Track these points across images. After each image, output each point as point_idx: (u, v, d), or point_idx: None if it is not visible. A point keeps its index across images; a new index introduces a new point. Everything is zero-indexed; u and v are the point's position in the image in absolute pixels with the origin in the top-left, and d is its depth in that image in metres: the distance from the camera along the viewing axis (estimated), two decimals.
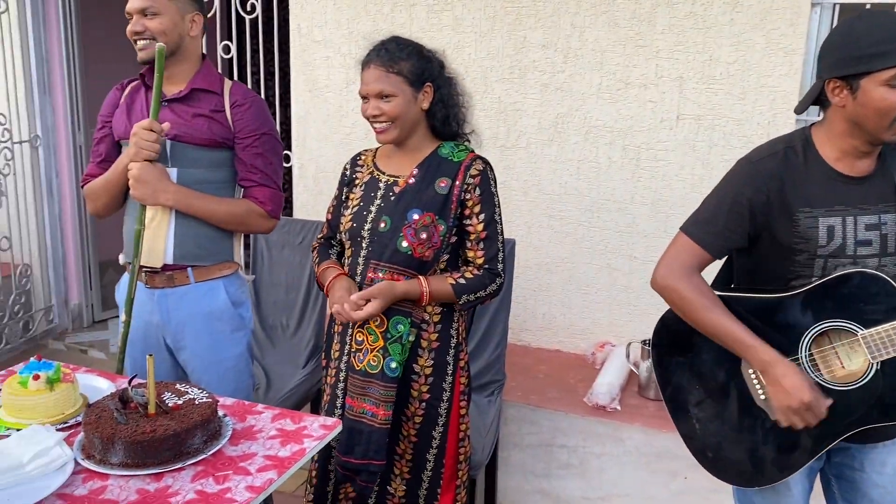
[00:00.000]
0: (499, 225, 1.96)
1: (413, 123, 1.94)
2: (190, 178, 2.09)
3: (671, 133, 2.92)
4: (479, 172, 1.93)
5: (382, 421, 1.92)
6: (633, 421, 2.65)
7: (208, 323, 2.17)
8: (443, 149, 1.98)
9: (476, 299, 1.94)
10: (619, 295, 3.12)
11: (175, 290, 2.14)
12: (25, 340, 4.12)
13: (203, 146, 2.08)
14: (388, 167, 2.01)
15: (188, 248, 2.11)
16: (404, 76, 1.88)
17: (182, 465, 1.59)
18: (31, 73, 4.06)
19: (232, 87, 2.14)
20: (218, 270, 2.17)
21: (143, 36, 2.04)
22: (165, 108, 2.08)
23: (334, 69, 3.44)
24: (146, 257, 2.10)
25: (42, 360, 1.84)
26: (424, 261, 1.91)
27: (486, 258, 1.94)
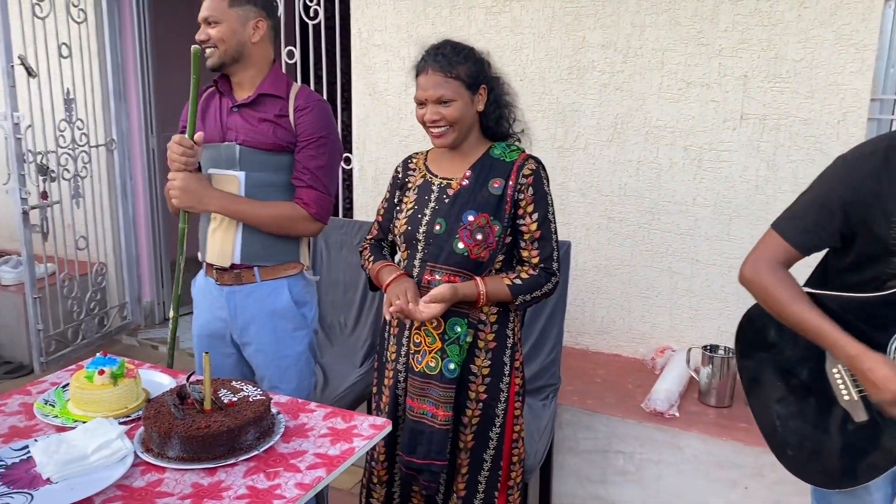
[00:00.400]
0: (553, 224, 1.96)
1: (469, 126, 1.96)
2: (257, 182, 2.15)
3: (735, 133, 2.84)
4: (531, 172, 1.93)
5: (442, 421, 1.94)
6: (691, 428, 2.59)
7: (271, 320, 2.23)
8: (495, 149, 1.99)
9: (532, 299, 1.95)
10: (681, 299, 3.05)
11: (242, 287, 2.22)
12: (101, 336, 4.31)
13: (268, 150, 2.14)
14: (441, 170, 2.03)
15: (254, 249, 2.19)
16: (462, 80, 1.90)
17: (235, 460, 1.63)
18: (107, 81, 4.24)
19: (298, 91, 2.18)
20: (283, 270, 2.23)
21: (207, 44, 2.12)
22: (235, 113, 2.16)
23: (393, 72, 3.48)
24: (216, 257, 2.21)
25: (107, 356, 1.92)
26: (480, 261, 1.93)
27: (541, 257, 1.95)
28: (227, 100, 2.20)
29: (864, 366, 1.54)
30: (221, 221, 2.18)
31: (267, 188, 2.17)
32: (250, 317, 2.23)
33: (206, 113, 2.23)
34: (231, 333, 2.29)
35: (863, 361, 1.54)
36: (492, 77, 1.98)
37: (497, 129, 2.01)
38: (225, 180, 2.16)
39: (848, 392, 1.64)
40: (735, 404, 2.76)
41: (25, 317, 4.02)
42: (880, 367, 1.52)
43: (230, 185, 2.16)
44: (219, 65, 2.14)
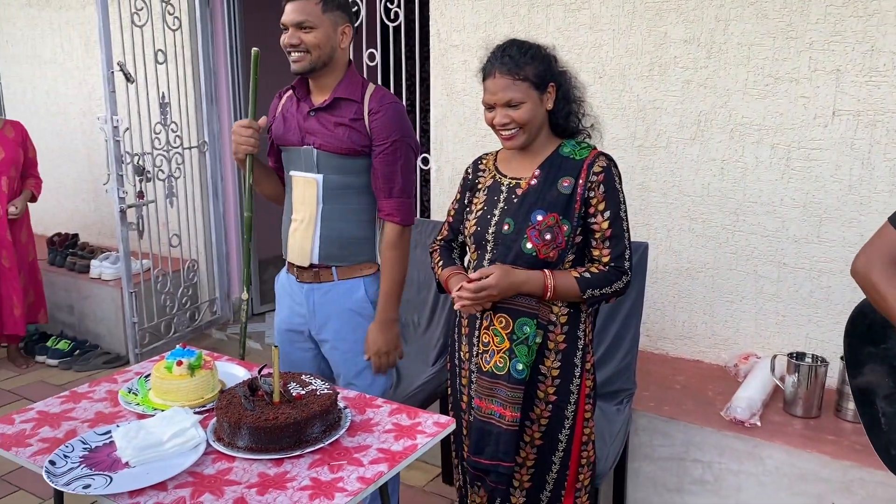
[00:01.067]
0: (624, 222, 1.92)
1: (539, 126, 1.94)
2: (334, 185, 2.21)
3: (826, 130, 2.69)
4: (602, 169, 1.90)
5: (510, 422, 1.92)
6: (774, 439, 2.47)
7: (348, 319, 2.28)
8: (564, 147, 1.96)
9: (601, 295, 1.90)
10: (767, 304, 2.92)
11: (321, 285, 2.28)
12: (191, 329, 4.49)
13: (344, 154, 2.18)
14: (510, 170, 2.01)
15: (331, 250, 2.25)
16: (530, 81, 1.88)
17: (301, 452, 1.67)
18: (200, 85, 4.42)
19: (372, 93, 2.19)
20: (359, 270, 2.29)
21: (299, 48, 2.13)
22: (312, 117, 2.21)
23: (471, 73, 3.47)
24: (296, 255, 2.28)
25: (186, 348, 2.00)
26: (549, 261, 1.90)
27: (612, 256, 1.91)
28: (304, 104, 2.24)
29: None
30: (301, 222, 2.24)
31: (343, 190, 2.22)
32: (328, 314, 2.28)
33: (286, 116, 2.29)
34: (310, 330, 2.35)
35: None
36: (559, 73, 1.94)
37: (566, 126, 1.98)
38: (305, 182, 2.23)
39: None
40: (823, 415, 2.63)
41: (123, 310, 4.23)
42: None
43: (309, 188, 2.22)
44: (308, 70, 2.15)
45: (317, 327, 2.32)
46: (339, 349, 2.31)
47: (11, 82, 5.62)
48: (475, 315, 2.01)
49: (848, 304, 2.75)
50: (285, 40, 2.14)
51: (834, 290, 2.76)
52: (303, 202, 2.24)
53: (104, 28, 3.64)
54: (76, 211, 5.44)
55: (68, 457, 1.66)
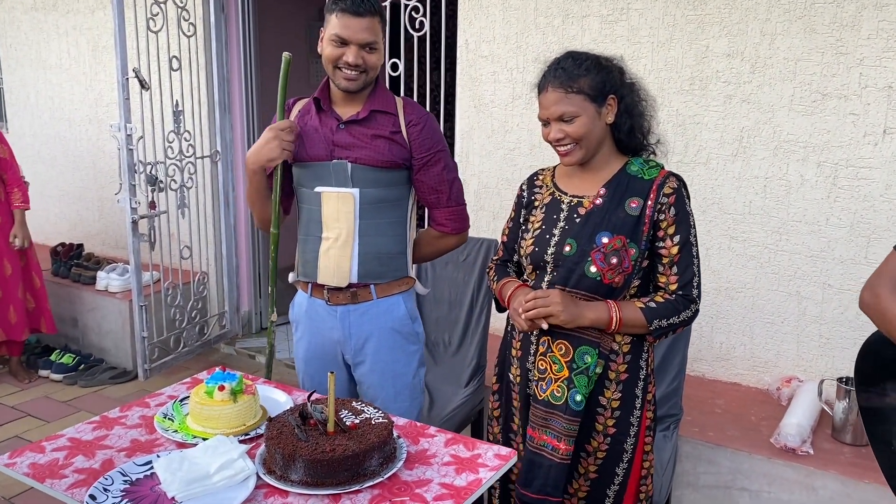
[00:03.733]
0: (694, 248, 1.82)
1: (599, 141, 1.83)
2: (371, 199, 2.09)
3: (876, 149, 2.62)
4: (673, 191, 1.79)
5: (563, 455, 1.82)
6: (827, 467, 2.38)
7: (389, 338, 2.18)
8: (632, 166, 1.85)
9: (668, 326, 1.79)
10: (809, 326, 2.83)
11: (358, 306, 2.15)
12: (200, 344, 4.36)
13: (382, 168, 2.08)
14: (571, 187, 1.91)
15: (371, 267, 2.13)
16: (585, 93, 1.77)
17: (359, 487, 1.56)
18: (213, 94, 4.31)
19: (405, 105, 2.12)
20: (397, 286, 2.18)
21: (359, 69, 2.01)
22: (342, 130, 2.08)
23: (500, 84, 3.39)
24: (330, 276, 2.13)
25: (226, 371, 1.88)
26: (614, 287, 1.80)
27: (679, 283, 1.80)
28: (329, 117, 2.11)
29: None
30: (336, 240, 2.11)
31: (380, 204, 2.11)
32: (367, 335, 2.17)
33: (306, 130, 2.14)
34: (343, 354, 2.22)
35: None
36: (623, 84, 1.83)
37: (630, 142, 1.87)
38: (338, 198, 2.09)
39: None
40: None
41: (131, 324, 4.10)
42: None
43: (345, 203, 2.09)
44: (360, 89, 2.05)
45: (353, 350, 2.19)
46: (377, 371, 2.19)
47: (14, 87, 5.48)
48: (530, 339, 1.91)
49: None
50: (348, 59, 2.00)
51: None
52: (337, 219, 2.10)
53: (120, 33, 3.52)
54: (80, 220, 5.30)
55: (108, 490, 1.54)
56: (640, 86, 1.88)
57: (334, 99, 2.13)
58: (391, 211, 2.13)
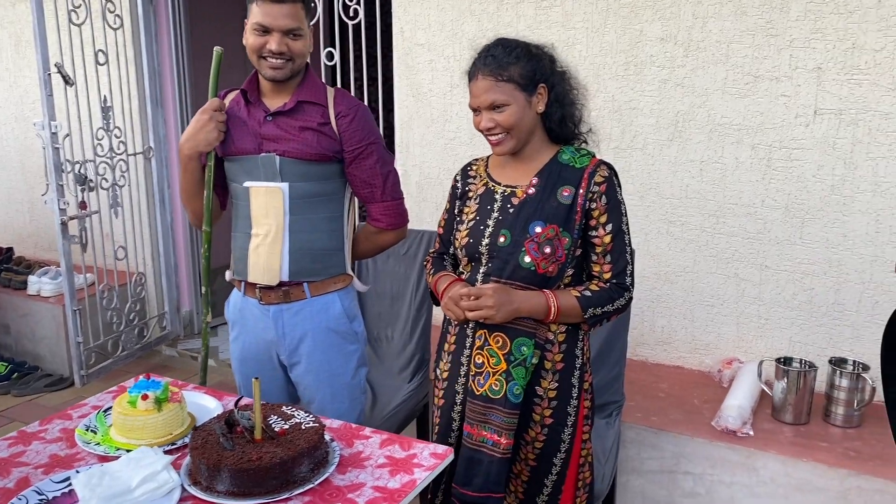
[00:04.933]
0: (626, 235, 1.81)
1: (529, 130, 1.80)
2: (301, 193, 2.02)
3: (807, 130, 2.64)
4: (604, 179, 1.77)
5: (504, 450, 1.79)
6: (767, 448, 2.40)
7: (324, 337, 2.11)
8: (563, 154, 1.83)
9: (603, 314, 1.79)
10: (748, 307, 2.86)
11: (291, 305, 2.08)
12: (140, 347, 4.23)
13: (312, 161, 2.00)
14: (504, 177, 1.87)
15: (303, 264, 2.06)
16: (515, 82, 1.74)
17: (289, 494, 1.51)
18: (144, 88, 4.16)
19: (335, 96, 2.04)
20: (333, 284, 2.11)
21: (284, 56, 1.94)
22: (270, 122, 2.01)
23: (438, 73, 3.34)
24: (260, 275, 2.06)
25: (151, 379, 1.81)
26: (548, 276, 1.77)
27: (613, 272, 1.79)
28: (257, 108, 2.04)
29: None
30: (265, 237, 2.03)
31: (312, 198, 2.04)
32: (301, 335, 2.10)
33: (234, 123, 2.06)
34: (278, 354, 2.15)
35: None
36: (553, 73, 1.80)
37: (561, 131, 1.84)
38: (266, 193, 2.02)
39: None
40: (812, 421, 2.57)
41: (65, 329, 3.95)
42: None
43: (273, 198, 2.02)
44: (287, 78, 1.98)
45: (287, 351, 2.12)
46: (312, 371, 2.12)
47: None
48: (465, 333, 1.87)
49: (832, 305, 2.71)
50: (271, 47, 1.93)
51: (817, 293, 2.72)
52: (266, 214, 2.03)
53: (39, 26, 3.37)
54: (9, 223, 5.09)
55: None
56: (570, 74, 1.85)
57: (263, 90, 2.06)
58: (324, 205, 2.06)
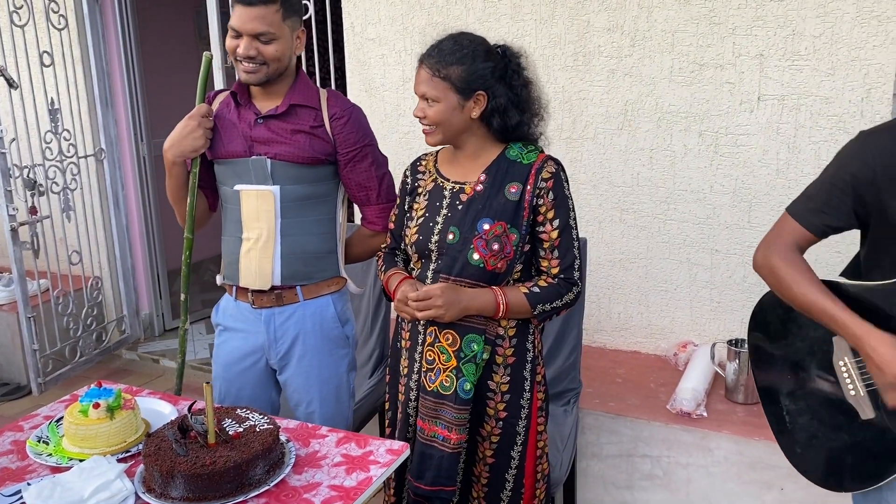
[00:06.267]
0: (574, 230, 1.83)
1: (458, 131, 1.80)
2: (292, 196, 2.00)
3: (752, 116, 2.70)
4: (551, 175, 1.78)
5: (455, 445, 1.81)
6: (721, 428, 2.47)
7: (316, 341, 2.09)
8: (511, 150, 1.83)
9: (552, 309, 1.81)
10: (701, 291, 2.92)
11: (284, 308, 2.07)
12: (99, 352, 4.17)
13: (304, 164, 1.98)
14: (453, 173, 1.88)
15: (296, 268, 2.04)
16: (451, 82, 1.74)
17: (244, 497, 1.51)
18: (93, 88, 4.09)
19: (329, 98, 2.02)
20: (326, 287, 2.10)
21: (255, 60, 1.91)
22: (261, 125, 1.99)
23: (390, 67, 3.34)
24: (253, 279, 2.04)
25: (102, 387, 1.79)
26: (497, 273, 1.79)
27: (561, 267, 1.81)
28: (248, 111, 2.01)
29: (868, 345, 1.45)
30: (256, 241, 2.01)
31: (303, 201, 2.02)
32: (292, 339, 2.08)
33: (223, 125, 2.03)
34: (268, 359, 2.14)
35: (867, 341, 1.45)
36: (500, 83, 1.76)
37: (504, 136, 1.83)
38: (258, 196, 2.00)
39: (854, 387, 1.55)
40: None
41: (20, 336, 3.88)
42: (885, 346, 1.43)
43: (265, 201, 1.99)
44: (262, 82, 1.95)
45: (277, 355, 2.10)
46: (301, 375, 2.10)
47: None
48: (418, 330, 1.88)
49: None
50: (239, 51, 1.90)
51: None
52: (257, 218, 2.00)
53: None
54: None
55: None
56: (525, 84, 1.81)
57: (253, 93, 2.03)
58: (316, 208, 2.04)
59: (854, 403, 1.55)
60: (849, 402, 1.57)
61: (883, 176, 1.45)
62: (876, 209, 1.49)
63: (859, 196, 1.49)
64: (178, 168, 2.05)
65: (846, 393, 1.57)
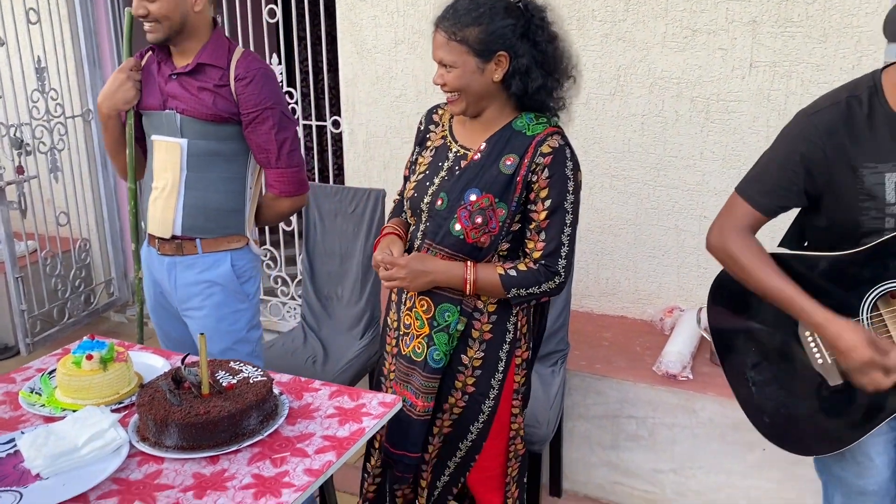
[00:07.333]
0: (568, 215, 1.70)
1: (481, 96, 1.70)
2: (199, 150, 2.08)
3: (743, 82, 2.71)
4: (551, 150, 1.68)
5: (421, 412, 1.81)
6: (706, 390, 2.51)
7: (211, 294, 2.17)
8: (518, 120, 1.74)
9: (528, 296, 1.72)
10: (689, 257, 2.95)
11: (184, 258, 2.15)
12: (88, 314, 4.17)
13: (209, 121, 2.05)
14: (461, 135, 1.81)
15: (196, 221, 2.12)
16: (469, 45, 1.63)
17: (238, 447, 1.53)
18: (80, 48, 4.04)
19: (239, 58, 2.07)
20: (226, 243, 2.17)
21: (148, 19, 2.00)
22: (173, 81, 2.08)
23: (382, 29, 3.31)
24: (157, 226, 2.14)
25: (95, 339, 1.80)
26: (479, 247, 1.73)
27: (544, 252, 1.71)
28: (165, 66, 2.11)
29: (830, 333, 1.50)
30: (163, 190, 2.11)
31: (210, 157, 2.09)
32: (190, 289, 2.17)
33: (147, 80, 2.13)
34: (174, 305, 2.24)
35: (828, 329, 1.50)
36: (522, 42, 1.65)
37: (523, 103, 1.74)
38: (166, 147, 2.09)
39: (822, 356, 1.60)
40: None
41: (8, 297, 3.87)
42: (847, 333, 1.47)
43: (172, 153, 2.08)
44: (164, 40, 2.04)
45: (179, 303, 2.21)
46: (202, 326, 2.18)
47: None
48: (402, 291, 1.88)
49: None
50: (133, 10, 2.02)
51: None
52: (165, 168, 2.10)
53: None
54: None
55: None
56: (551, 43, 1.70)
57: (172, 50, 2.11)
58: (223, 166, 2.11)
59: (822, 371, 1.59)
60: (815, 370, 1.60)
61: (833, 155, 1.48)
62: (828, 187, 1.52)
63: (811, 176, 1.52)
64: (112, 121, 2.16)
65: (813, 362, 1.61)
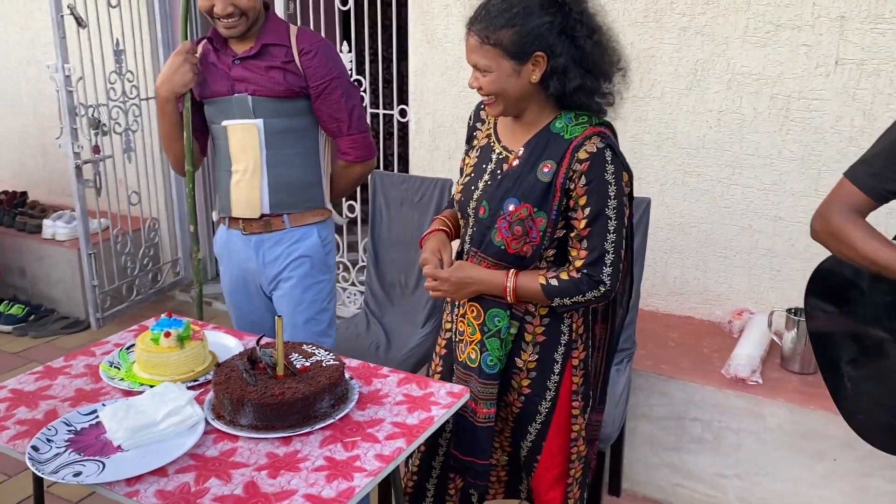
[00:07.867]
0: (612, 222, 1.61)
1: (519, 99, 1.62)
2: (275, 129, 2.14)
3: (828, 80, 2.61)
4: (588, 156, 1.58)
5: (483, 419, 1.78)
6: (775, 396, 2.44)
7: (300, 264, 2.23)
8: (557, 122, 1.65)
9: (573, 304, 1.67)
10: (761, 259, 2.87)
11: (271, 235, 2.21)
12: (154, 292, 4.28)
13: (281, 98, 2.11)
14: (505, 135, 1.74)
15: (282, 197, 2.18)
16: (503, 48, 1.55)
17: (310, 429, 1.55)
18: (156, 32, 4.13)
19: (298, 34, 2.13)
20: (311, 216, 2.24)
21: (233, 16, 2.03)
22: (239, 65, 2.12)
23: (453, 18, 3.30)
24: (243, 209, 2.19)
25: (172, 317, 1.84)
26: (522, 256, 1.68)
27: (586, 261, 1.63)
28: (225, 54, 2.15)
29: None
30: (244, 172, 2.16)
31: (286, 134, 2.15)
32: (279, 263, 2.22)
33: (207, 68, 2.17)
34: (260, 284, 2.28)
35: None
36: (561, 39, 1.56)
37: (562, 102, 1.65)
38: (243, 130, 2.14)
39: None
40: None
41: (81, 273, 4.00)
42: None
43: (250, 135, 2.13)
44: (243, 34, 2.08)
45: (268, 279, 2.26)
46: (288, 296, 2.25)
47: None
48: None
49: None
50: (217, 10, 2.03)
51: None
52: (244, 150, 2.15)
53: None
54: (23, 167, 5.10)
55: (52, 441, 1.50)
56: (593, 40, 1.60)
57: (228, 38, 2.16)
58: (299, 141, 2.18)
59: None
60: None
61: None
62: None
63: None
64: (170, 105, 2.19)
65: None
